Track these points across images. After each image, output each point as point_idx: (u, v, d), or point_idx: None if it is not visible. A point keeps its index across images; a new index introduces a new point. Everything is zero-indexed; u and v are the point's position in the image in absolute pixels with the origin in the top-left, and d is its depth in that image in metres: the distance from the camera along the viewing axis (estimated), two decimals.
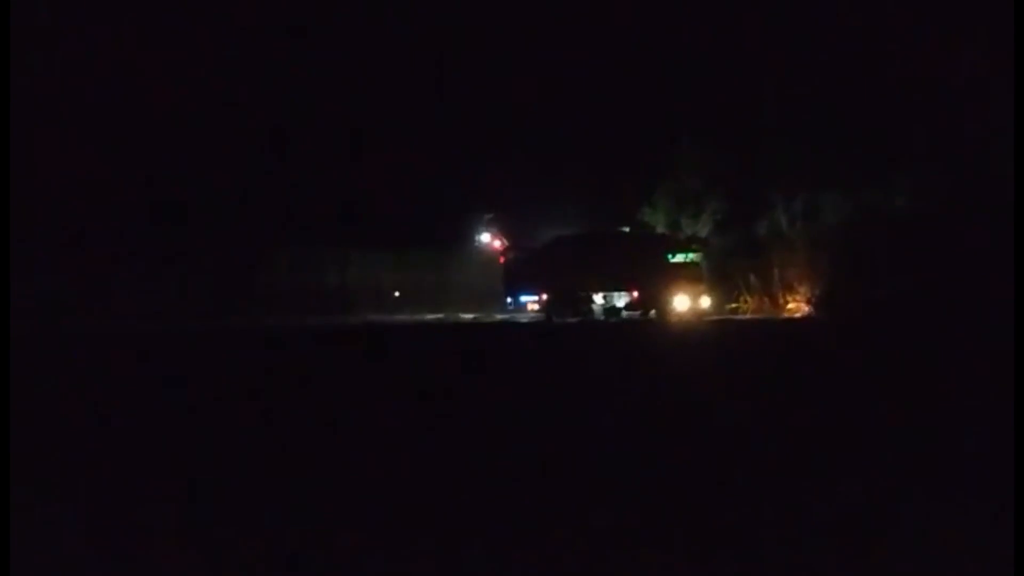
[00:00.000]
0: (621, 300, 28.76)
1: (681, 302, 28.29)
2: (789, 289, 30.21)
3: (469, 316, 32.62)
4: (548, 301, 29.78)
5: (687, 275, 28.45)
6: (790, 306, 30.14)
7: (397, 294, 36.96)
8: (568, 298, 29.25)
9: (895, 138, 30.83)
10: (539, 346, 19.10)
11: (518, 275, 31.31)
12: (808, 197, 32.36)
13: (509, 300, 32.01)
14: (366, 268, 37.06)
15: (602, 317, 28.76)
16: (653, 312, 28.41)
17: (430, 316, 32.57)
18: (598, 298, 29.16)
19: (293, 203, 33.85)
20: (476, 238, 39.00)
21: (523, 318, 30.57)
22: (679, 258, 29.08)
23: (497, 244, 39.02)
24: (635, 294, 28.53)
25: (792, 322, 27.72)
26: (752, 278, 30.21)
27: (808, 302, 30.09)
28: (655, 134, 34.29)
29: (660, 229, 32.28)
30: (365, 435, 7.12)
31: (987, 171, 28.28)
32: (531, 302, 35.70)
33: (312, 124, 34.71)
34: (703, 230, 33.26)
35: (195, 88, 31.24)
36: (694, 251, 29.49)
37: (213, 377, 11.96)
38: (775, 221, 33.07)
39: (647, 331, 24.34)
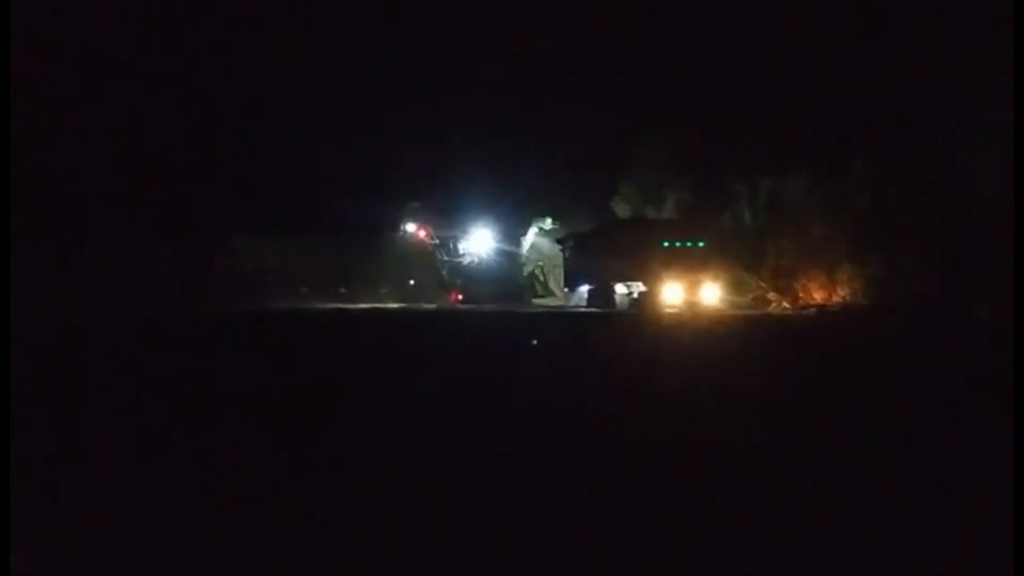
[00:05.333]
0: (638, 291, 27.78)
1: (674, 294, 27.17)
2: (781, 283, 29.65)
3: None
4: (589, 293, 29.97)
5: (686, 264, 27.21)
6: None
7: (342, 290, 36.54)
8: (601, 290, 28.94)
9: (856, 126, 31.31)
10: None
11: (573, 268, 32.29)
12: (772, 186, 32.48)
13: (567, 290, 33.37)
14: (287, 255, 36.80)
15: (628, 308, 27.68)
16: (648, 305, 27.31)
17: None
18: (621, 288, 28.03)
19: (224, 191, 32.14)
20: (401, 227, 38.04)
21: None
22: (679, 245, 27.74)
23: (422, 234, 38.01)
24: (640, 284, 27.51)
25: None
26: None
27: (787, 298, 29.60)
28: (616, 124, 33.76)
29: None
30: None
31: (952, 160, 29.14)
32: (455, 293, 35.48)
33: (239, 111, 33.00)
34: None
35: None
36: (700, 237, 28.24)
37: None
38: (739, 211, 33.04)
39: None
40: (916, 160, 30.05)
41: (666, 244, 27.48)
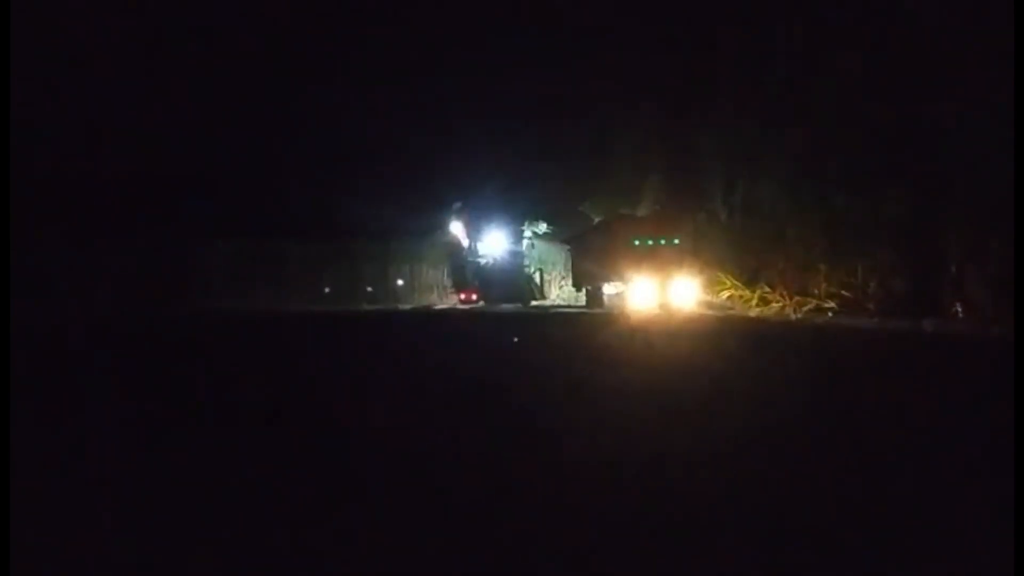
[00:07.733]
0: (619, 290, 27.92)
1: (649, 292, 26.89)
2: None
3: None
4: (586, 293, 30.30)
5: (662, 262, 26.93)
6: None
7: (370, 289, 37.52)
8: (594, 290, 29.25)
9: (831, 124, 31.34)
10: None
11: (576, 269, 32.58)
12: (747, 187, 32.53)
13: (576, 291, 33.52)
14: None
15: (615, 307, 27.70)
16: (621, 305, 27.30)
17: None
18: (608, 288, 28.22)
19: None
20: (447, 228, 38.11)
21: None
22: (652, 243, 27.46)
23: (461, 234, 37.97)
24: (617, 283, 27.53)
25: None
26: None
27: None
28: (588, 122, 33.76)
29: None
30: None
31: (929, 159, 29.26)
32: (469, 292, 35.69)
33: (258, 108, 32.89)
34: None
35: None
36: (675, 235, 27.83)
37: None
38: (713, 209, 33.08)
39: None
40: (893, 158, 30.24)
41: (637, 243, 27.17)
